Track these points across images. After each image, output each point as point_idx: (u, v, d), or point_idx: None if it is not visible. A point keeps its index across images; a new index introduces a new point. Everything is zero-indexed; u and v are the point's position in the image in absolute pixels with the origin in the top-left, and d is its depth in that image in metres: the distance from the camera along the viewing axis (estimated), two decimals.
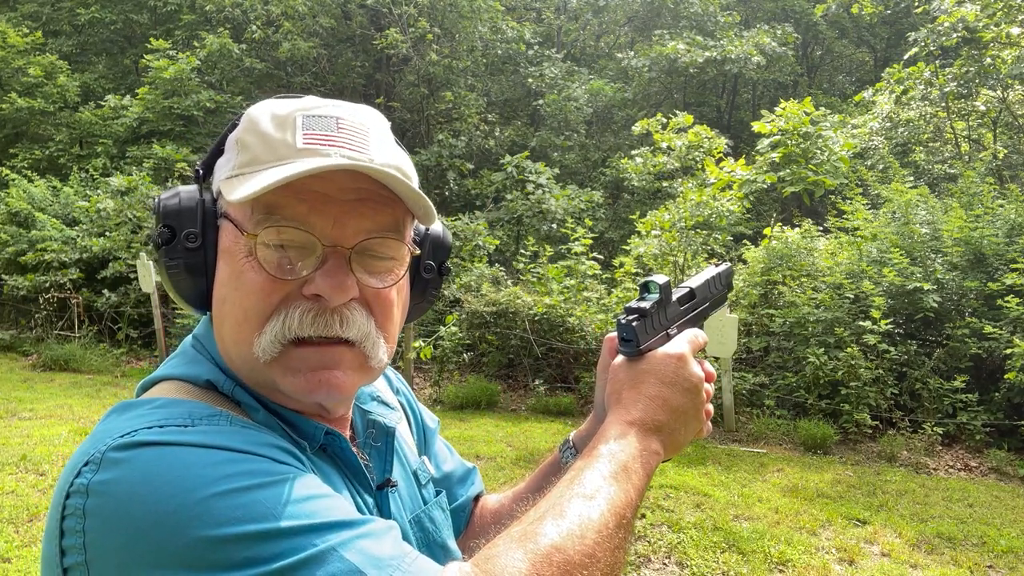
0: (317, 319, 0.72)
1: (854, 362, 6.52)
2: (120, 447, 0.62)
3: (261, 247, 0.71)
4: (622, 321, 0.85)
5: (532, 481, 1.03)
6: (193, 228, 0.72)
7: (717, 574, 3.89)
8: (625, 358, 0.86)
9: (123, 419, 0.67)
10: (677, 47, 15.83)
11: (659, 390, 0.82)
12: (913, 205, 8.28)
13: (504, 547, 0.65)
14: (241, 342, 0.72)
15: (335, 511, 0.62)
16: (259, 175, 0.69)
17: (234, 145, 0.74)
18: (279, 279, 0.71)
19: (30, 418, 6.47)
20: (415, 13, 14.75)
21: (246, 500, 0.59)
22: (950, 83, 11.77)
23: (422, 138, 16.24)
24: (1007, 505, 5.11)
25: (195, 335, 0.80)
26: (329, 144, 0.71)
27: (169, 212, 0.73)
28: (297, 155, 0.70)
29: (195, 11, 15.96)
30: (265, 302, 0.71)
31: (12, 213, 10.41)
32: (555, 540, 0.66)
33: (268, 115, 0.73)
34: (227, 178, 0.73)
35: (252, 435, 0.68)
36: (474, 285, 8.97)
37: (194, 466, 0.60)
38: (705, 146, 8.99)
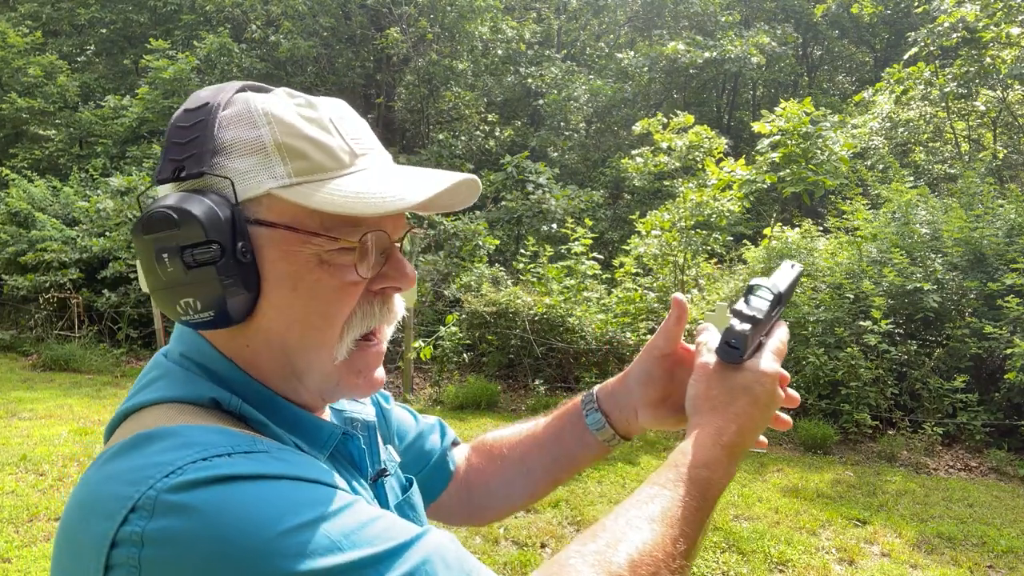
0: (388, 308, 0.77)
1: (854, 362, 6.52)
2: (175, 488, 0.57)
3: (359, 253, 0.72)
4: (736, 328, 0.82)
5: (549, 428, 1.04)
6: (243, 240, 0.68)
7: (717, 574, 3.89)
8: (722, 363, 0.83)
9: (152, 456, 0.61)
10: (677, 47, 15.83)
11: (751, 411, 0.81)
12: (913, 205, 8.28)
13: (576, 571, 0.65)
14: (320, 347, 0.72)
15: (394, 531, 0.62)
16: (340, 183, 0.70)
17: (271, 149, 0.69)
18: (360, 280, 0.73)
19: (30, 418, 6.47)
20: (415, 13, 14.75)
21: (314, 534, 0.57)
22: (950, 83, 11.77)
23: (422, 138, 16.24)
24: (1007, 505, 5.11)
25: (182, 353, 0.74)
26: (369, 145, 0.75)
27: (212, 224, 0.67)
28: (355, 159, 0.73)
29: (195, 11, 15.96)
30: (348, 304, 0.73)
31: (12, 213, 10.41)
32: (624, 572, 0.66)
33: (298, 117, 0.71)
34: (285, 186, 0.69)
35: (297, 459, 0.66)
36: (474, 285, 8.97)
37: (258, 503, 0.58)
38: (706, 146, 8.99)
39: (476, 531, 4.21)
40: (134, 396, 0.73)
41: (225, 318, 0.69)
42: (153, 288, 0.70)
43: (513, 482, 1.04)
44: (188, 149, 0.69)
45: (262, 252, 0.70)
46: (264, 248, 0.70)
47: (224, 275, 0.67)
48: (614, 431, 0.98)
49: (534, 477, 1.03)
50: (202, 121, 0.70)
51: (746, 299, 0.86)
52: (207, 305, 0.68)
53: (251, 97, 0.72)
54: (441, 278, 9.86)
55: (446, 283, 9.73)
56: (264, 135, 0.70)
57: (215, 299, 0.68)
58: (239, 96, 0.73)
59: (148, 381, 0.74)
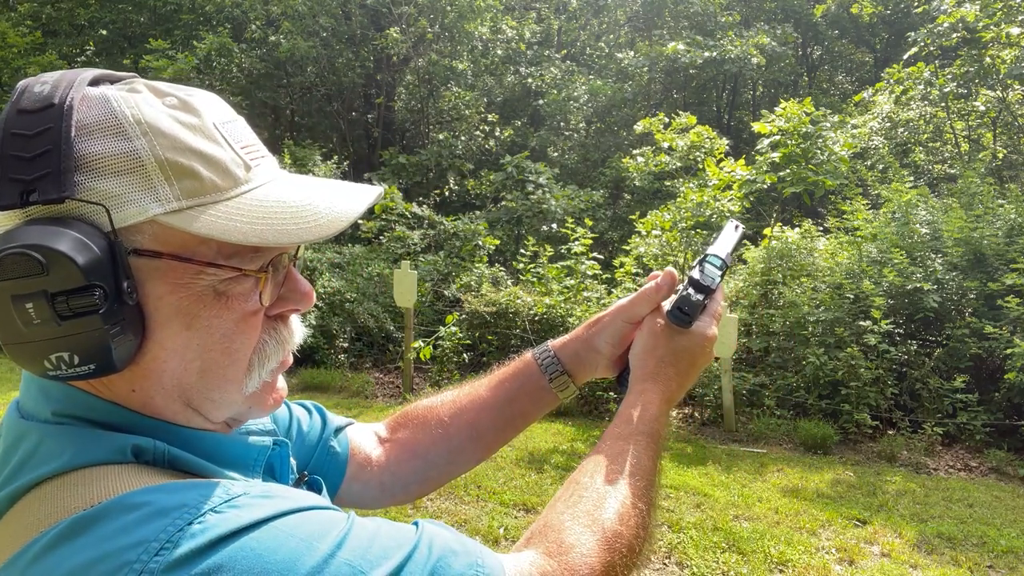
0: (290, 333, 0.71)
1: (854, 362, 6.52)
2: (174, 565, 0.50)
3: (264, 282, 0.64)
4: (691, 297, 0.89)
5: (499, 390, 1.01)
6: (128, 279, 0.57)
7: (717, 574, 3.89)
8: (671, 327, 0.91)
9: (118, 536, 0.52)
10: (677, 47, 15.84)
11: (689, 370, 0.91)
12: (913, 205, 8.28)
13: (575, 536, 0.69)
14: (227, 384, 0.64)
15: (398, 536, 0.61)
16: (238, 204, 0.61)
17: (151, 167, 0.58)
18: (261, 309, 0.65)
19: None
20: (415, 13, 14.75)
21: (336, 566, 0.54)
22: (950, 83, 11.77)
23: (422, 138, 16.24)
24: (1007, 505, 5.11)
25: (54, 411, 0.62)
26: (260, 154, 0.66)
27: (92, 265, 0.55)
28: (251, 175, 0.63)
29: (194, 11, 15.96)
30: (253, 337, 0.65)
31: None
32: (617, 528, 0.71)
33: (176, 125, 0.60)
34: (174, 211, 0.58)
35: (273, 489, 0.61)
36: (474, 285, 8.97)
37: (271, 552, 0.53)
38: (707, 146, 8.99)
39: (475, 531, 4.21)
40: (18, 473, 0.59)
41: (107, 368, 0.58)
42: (9, 341, 0.57)
43: (461, 448, 1.01)
44: (38, 166, 0.55)
45: (145, 287, 0.59)
46: (147, 283, 0.59)
47: (110, 323, 0.56)
48: (573, 384, 1.00)
49: (485, 440, 1.02)
50: (51, 129, 0.56)
51: (701, 268, 0.91)
52: (87, 358, 0.57)
53: (112, 96, 0.59)
54: (441, 278, 9.85)
55: (446, 283, 9.73)
56: (140, 149, 0.58)
57: (97, 350, 0.57)
58: (94, 94, 0.59)
59: (27, 454, 0.60)
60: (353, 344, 8.65)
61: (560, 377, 0.99)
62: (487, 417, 1.01)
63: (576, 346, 1.00)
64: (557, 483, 5.13)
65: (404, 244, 10.53)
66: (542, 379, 0.99)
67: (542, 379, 0.99)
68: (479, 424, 1.01)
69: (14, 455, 0.61)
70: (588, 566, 0.67)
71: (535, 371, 1.00)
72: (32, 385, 0.65)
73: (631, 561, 0.72)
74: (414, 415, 1.04)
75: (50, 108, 0.57)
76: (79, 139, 0.57)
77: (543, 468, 5.41)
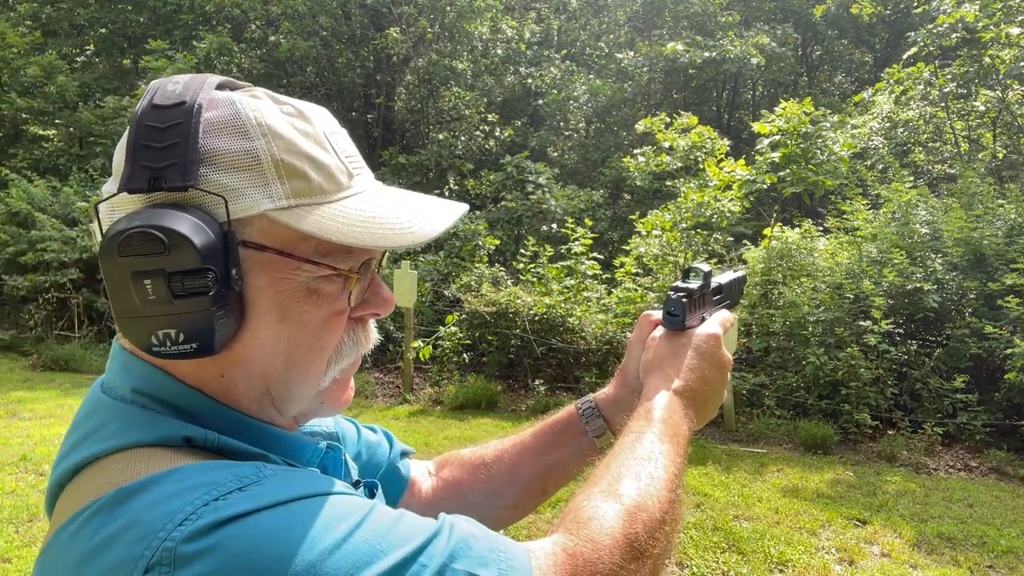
0: (367, 335, 0.75)
1: (854, 362, 6.52)
2: (193, 536, 0.52)
3: (353, 282, 0.69)
4: (672, 297, 0.93)
5: (541, 436, 1.03)
6: (236, 267, 0.62)
7: (717, 574, 3.89)
8: (667, 332, 0.95)
9: (150, 508, 0.55)
10: (677, 47, 15.84)
11: (697, 363, 0.91)
12: (913, 205, 8.28)
13: (592, 509, 0.69)
14: (307, 379, 0.68)
15: (418, 525, 0.61)
16: (339, 208, 0.65)
17: (267, 165, 0.63)
18: (346, 309, 0.69)
19: (30, 418, 6.47)
20: (415, 13, 14.75)
21: (354, 545, 0.55)
22: (949, 83, 11.77)
23: (422, 138, 16.24)
24: (1007, 505, 5.11)
25: (133, 388, 0.66)
26: (360, 165, 0.71)
27: (208, 250, 0.59)
28: (352, 181, 0.68)
29: (194, 11, 15.96)
30: (336, 336, 0.69)
31: (12, 213, 10.40)
32: (637, 499, 0.71)
33: (293, 130, 0.65)
34: (282, 208, 0.63)
35: (305, 474, 0.63)
36: (474, 285, 8.97)
37: (287, 528, 0.54)
38: (707, 146, 8.99)
39: None
40: (81, 446, 0.64)
41: (207, 350, 0.62)
42: (123, 315, 0.61)
43: (500, 492, 1.01)
44: (167, 156, 0.60)
45: (248, 277, 0.63)
46: (251, 273, 0.64)
47: (217, 305, 0.61)
48: (612, 436, 1.00)
49: (523, 486, 1.01)
50: (181, 124, 0.61)
51: (683, 278, 0.98)
52: (191, 336, 0.61)
53: (237, 100, 0.64)
54: (441, 278, 9.85)
55: (446, 283, 9.73)
56: (259, 149, 0.63)
57: (202, 330, 0.61)
58: (221, 96, 0.64)
59: (95, 427, 0.65)
60: None
61: (596, 420, 1.00)
62: (527, 462, 1.01)
63: (614, 393, 1.02)
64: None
65: None
66: (580, 425, 1.01)
67: (580, 425, 1.01)
68: (519, 468, 1.01)
69: (84, 426, 0.66)
70: (609, 535, 0.67)
71: (575, 418, 1.02)
72: (116, 361, 0.69)
73: (657, 539, 0.70)
74: (460, 456, 1.07)
75: (181, 105, 0.62)
76: (206, 135, 0.62)
77: None
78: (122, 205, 0.63)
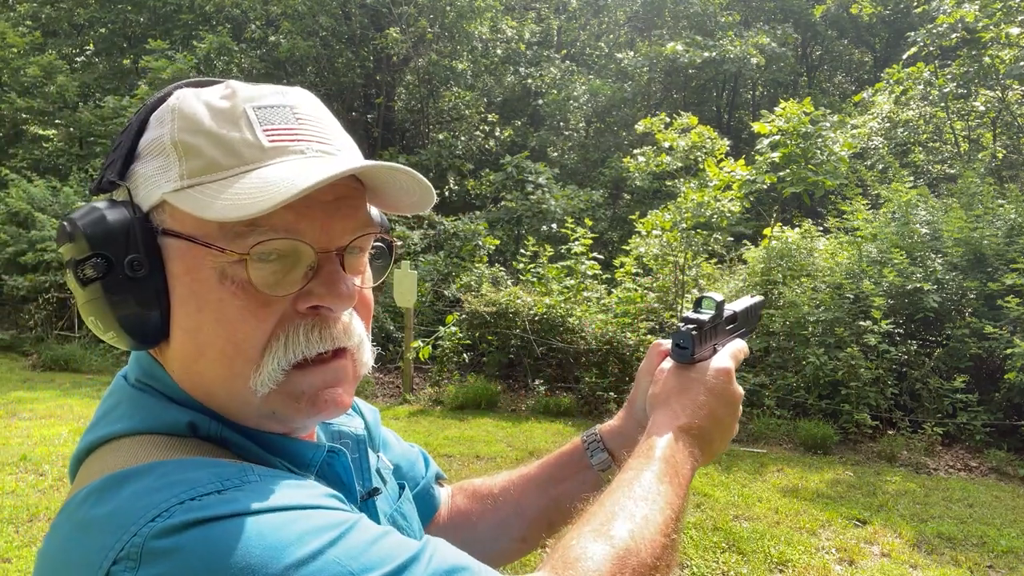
0: (323, 333, 0.65)
1: (854, 362, 6.52)
2: (162, 533, 0.52)
3: (250, 266, 0.61)
4: (682, 329, 0.89)
5: (546, 468, 1.01)
6: (135, 253, 0.61)
7: (717, 574, 3.89)
8: (676, 364, 0.91)
9: (131, 499, 0.55)
10: (676, 47, 15.84)
11: (706, 399, 0.86)
12: (913, 205, 8.29)
13: (580, 548, 0.66)
14: (233, 378, 0.63)
15: (398, 547, 0.58)
16: (235, 184, 0.60)
17: (169, 149, 0.62)
18: (273, 299, 0.63)
19: (30, 418, 6.47)
20: (415, 13, 14.75)
21: (322, 563, 0.53)
22: (949, 83, 11.77)
23: (422, 138, 16.24)
24: (1007, 505, 5.11)
25: (137, 377, 0.68)
26: (297, 139, 0.63)
27: (98, 236, 0.60)
28: (266, 156, 0.61)
29: (194, 11, 15.96)
30: (261, 329, 0.62)
31: (12, 213, 10.40)
32: (629, 543, 0.67)
33: (204, 110, 0.63)
34: (176, 190, 0.61)
35: (292, 483, 0.60)
36: (474, 285, 8.97)
37: (257, 537, 0.52)
38: (707, 146, 8.99)
39: None
40: (97, 426, 0.66)
41: (136, 339, 0.63)
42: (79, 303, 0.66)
43: (507, 524, 1.00)
44: (111, 156, 0.64)
45: (168, 266, 0.62)
46: (170, 261, 0.62)
47: (113, 292, 0.60)
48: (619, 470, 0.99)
49: (528, 518, 1.00)
50: (130, 126, 0.65)
51: (695, 308, 0.94)
52: (108, 325, 0.63)
53: (181, 93, 0.66)
54: (441, 278, 9.86)
55: (446, 283, 9.73)
56: (165, 133, 0.63)
57: (112, 319, 0.62)
58: (176, 93, 0.66)
59: (110, 408, 0.67)
60: None
61: (600, 453, 0.98)
62: (532, 494, 1.00)
63: (619, 424, 1.00)
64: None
65: (404, 244, 10.53)
66: (585, 458, 0.99)
67: (585, 458, 0.99)
68: (524, 500, 1.00)
69: (103, 409, 0.68)
70: None
71: (580, 451, 1.00)
72: (134, 353, 0.72)
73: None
74: (472, 486, 1.06)
75: (141, 108, 0.66)
76: (147, 132, 0.65)
77: None
78: None
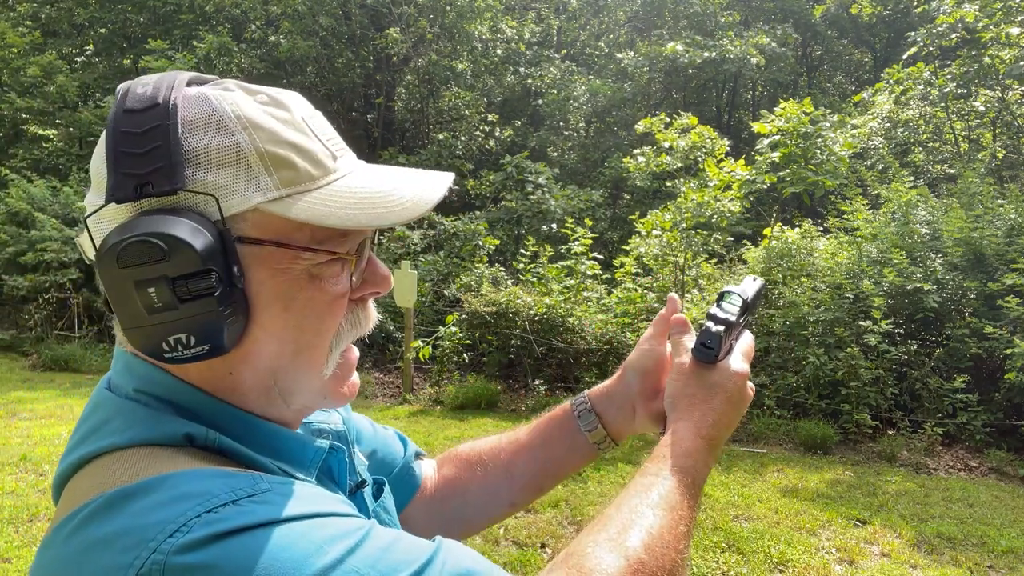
0: (365, 315, 0.73)
1: (854, 362, 6.52)
2: (184, 548, 0.52)
3: (334, 265, 0.67)
4: (711, 329, 0.88)
5: (536, 434, 1.02)
6: (236, 264, 0.62)
7: (717, 574, 3.89)
8: (698, 364, 0.89)
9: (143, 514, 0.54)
10: (676, 47, 15.84)
11: (725, 407, 0.87)
12: (913, 205, 8.29)
13: (597, 559, 0.67)
14: (313, 365, 0.68)
15: (415, 550, 0.60)
16: (331, 192, 0.65)
17: (252, 159, 0.62)
18: (347, 290, 0.69)
19: (30, 418, 6.47)
20: (415, 13, 14.75)
21: (343, 571, 0.54)
22: (949, 83, 11.77)
23: (422, 138, 16.24)
24: (1007, 505, 5.11)
25: (136, 388, 0.66)
26: (342, 146, 0.71)
27: (208, 250, 0.59)
28: (337, 164, 0.68)
29: (194, 11, 15.96)
30: (339, 318, 0.69)
31: (12, 213, 10.40)
32: (643, 556, 0.68)
33: (271, 119, 0.64)
34: (273, 200, 0.62)
35: (302, 491, 0.62)
36: (474, 285, 8.97)
37: (279, 549, 0.53)
38: (707, 146, 8.99)
39: None
40: (85, 441, 0.64)
41: (219, 350, 0.62)
42: (130, 325, 0.61)
43: (496, 490, 1.01)
44: (150, 161, 0.59)
45: (249, 272, 0.63)
46: (251, 268, 0.63)
47: (224, 305, 0.61)
48: (606, 432, 0.99)
49: (519, 484, 1.01)
50: (159, 126, 0.60)
51: (719, 304, 0.92)
52: (202, 339, 0.61)
53: (210, 95, 0.64)
54: (441, 278, 9.85)
55: (446, 283, 9.73)
56: (242, 142, 0.62)
57: (212, 332, 0.61)
58: (193, 93, 0.63)
59: (99, 423, 0.65)
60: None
61: (588, 415, 0.99)
62: (522, 459, 1.01)
63: (609, 387, 1.01)
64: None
65: (404, 244, 10.53)
66: (574, 422, 1.00)
67: (574, 422, 1.00)
68: (514, 466, 1.01)
69: (89, 421, 0.66)
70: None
71: (569, 415, 1.01)
72: (120, 361, 0.69)
73: None
74: (459, 453, 1.06)
75: (155, 107, 0.61)
76: (186, 135, 0.61)
77: None
78: (111, 216, 0.62)
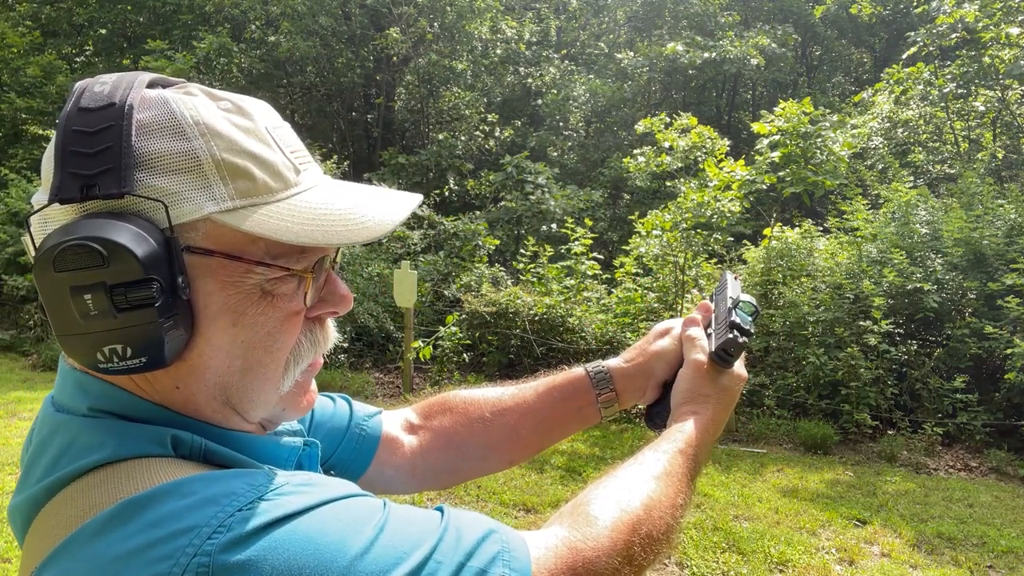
0: (323, 334, 0.72)
1: (854, 362, 6.52)
2: (228, 546, 0.52)
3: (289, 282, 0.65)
4: (738, 339, 0.95)
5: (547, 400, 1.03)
6: (183, 274, 0.59)
7: (717, 574, 3.89)
8: (715, 366, 0.96)
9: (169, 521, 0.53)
10: (676, 47, 15.83)
11: (727, 405, 0.96)
12: (913, 205, 8.29)
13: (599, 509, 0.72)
14: (266, 383, 0.66)
15: (426, 520, 0.62)
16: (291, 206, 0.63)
17: (208, 166, 0.60)
18: (302, 308, 0.67)
19: (30, 418, 6.47)
20: (415, 13, 14.74)
21: (380, 550, 0.56)
22: (949, 83, 11.77)
23: (422, 138, 16.24)
24: (1007, 505, 5.11)
25: (90, 406, 0.62)
26: (307, 159, 0.68)
27: (150, 258, 0.56)
28: (300, 177, 0.65)
29: (193, 11, 15.96)
30: (294, 336, 0.67)
31: (12, 213, 10.40)
32: (642, 514, 0.74)
33: (231, 127, 0.62)
34: (227, 210, 0.60)
35: (314, 477, 0.62)
36: (474, 285, 8.97)
37: (319, 536, 0.55)
38: (707, 146, 8.98)
39: None
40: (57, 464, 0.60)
41: (157, 363, 0.59)
42: (64, 332, 0.58)
43: (498, 447, 1.03)
44: (99, 162, 0.57)
45: (196, 284, 0.60)
46: (199, 279, 0.60)
47: (164, 316, 0.57)
48: (619, 408, 1.04)
49: (522, 444, 1.03)
50: (112, 126, 0.58)
51: (735, 311, 0.99)
52: (139, 350, 0.58)
53: (170, 98, 0.61)
54: (441, 278, 9.85)
55: (446, 283, 9.72)
56: (198, 149, 0.60)
57: (150, 343, 0.58)
58: (153, 95, 0.61)
59: (65, 444, 0.61)
60: (353, 344, 8.65)
61: (608, 394, 1.02)
62: (530, 421, 1.03)
63: (633, 371, 1.03)
64: (557, 483, 5.13)
65: (404, 244, 10.53)
66: (591, 394, 1.02)
67: (591, 394, 1.02)
68: (520, 427, 1.03)
69: (50, 447, 0.62)
70: (610, 539, 0.69)
71: (586, 385, 1.02)
72: (68, 380, 0.65)
73: (649, 554, 0.73)
74: (454, 405, 1.05)
75: (111, 107, 0.58)
76: (139, 137, 0.58)
77: (543, 468, 5.41)
78: (55, 216, 0.59)
